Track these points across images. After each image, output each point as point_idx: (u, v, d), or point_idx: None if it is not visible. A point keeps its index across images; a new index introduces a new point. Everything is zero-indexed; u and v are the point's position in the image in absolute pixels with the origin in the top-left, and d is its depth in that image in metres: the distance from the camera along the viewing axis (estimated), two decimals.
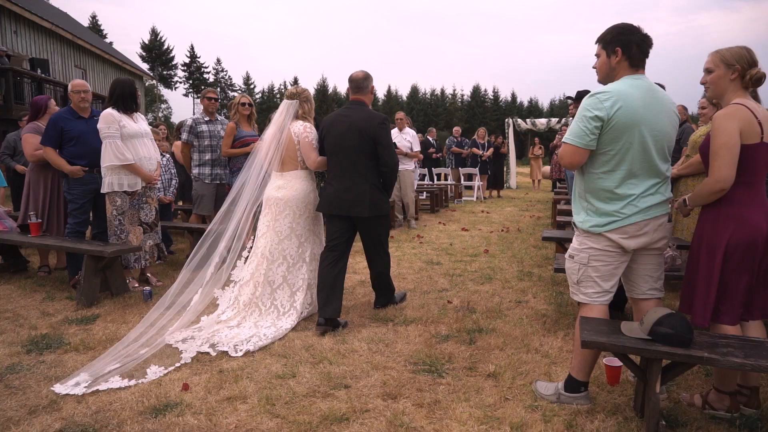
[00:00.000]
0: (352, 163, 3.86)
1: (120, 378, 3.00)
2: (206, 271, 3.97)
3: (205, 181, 5.80)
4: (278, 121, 4.05)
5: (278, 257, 4.00)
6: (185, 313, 3.80)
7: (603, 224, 2.59)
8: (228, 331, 3.71)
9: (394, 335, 3.66)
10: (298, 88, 4.12)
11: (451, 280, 5.01)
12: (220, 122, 5.94)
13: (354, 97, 4.02)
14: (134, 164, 4.64)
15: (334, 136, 3.91)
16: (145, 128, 4.87)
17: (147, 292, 4.47)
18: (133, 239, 4.73)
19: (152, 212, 4.92)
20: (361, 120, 3.85)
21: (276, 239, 4.00)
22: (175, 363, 3.24)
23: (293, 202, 3.98)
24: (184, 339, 3.59)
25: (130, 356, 3.24)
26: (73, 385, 2.90)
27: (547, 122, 17.65)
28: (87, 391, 2.84)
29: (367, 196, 3.82)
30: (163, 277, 5.24)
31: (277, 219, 4.00)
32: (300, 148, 4.00)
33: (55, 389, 2.87)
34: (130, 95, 4.72)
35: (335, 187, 3.91)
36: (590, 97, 2.58)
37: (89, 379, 2.95)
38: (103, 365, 3.11)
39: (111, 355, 3.24)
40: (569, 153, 2.61)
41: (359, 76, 3.99)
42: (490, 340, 3.53)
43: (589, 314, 2.66)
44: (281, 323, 3.81)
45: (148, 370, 3.12)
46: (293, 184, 4.01)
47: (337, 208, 3.88)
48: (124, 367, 3.11)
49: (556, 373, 3.02)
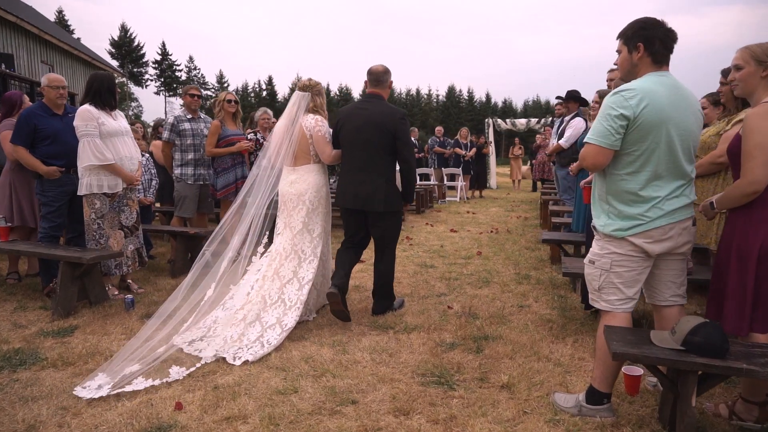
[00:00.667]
0: (368, 157, 3.78)
1: (143, 378, 2.93)
2: (219, 266, 3.84)
3: (187, 181, 5.52)
4: (290, 113, 3.92)
5: (290, 252, 3.90)
6: (198, 309, 3.67)
7: (626, 228, 2.47)
8: (232, 330, 3.55)
9: (397, 344, 3.49)
10: (311, 81, 3.98)
11: (448, 284, 4.86)
12: (203, 120, 5.67)
13: (372, 91, 3.92)
14: (115, 164, 4.36)
15: (351, 129, 3.82)
16: (125, 126, 4.59)
17: (129, 300, 4.19)
18: (113, 244, 4.44)
19: (133, 215, 4.64)
20: (381, 114, 3.77)
21: (290, 234, 3.92)
22: (196, 363, 3.16)
23: (306, 197, 3.89)
24: (200, 338, 3.51)
25: (147, 356, 3.16)
26: (95, 388, 2.80)
27: (527, 122, 17.71)
28: (111, 392, 2.77)
29: (383, 191, 3.76)
30: (145, 283, 4.96)
31: (291, 215, 3.92)
32: (313, 142, 3.89)
33: (78, 393, 2.77)
34: (108, 90, 4.43)
35: (349, 180, 3.85)
36: (614, 94, 2.45)
37: (110, 380, 2.87)
38: (120, 366, 3.01)
39: (126, 355, 3.13)
40: (593, 153, 2.48)
41: (379, 70, 3.89)
42: (498, 347, 3.38)
43: (611, 322, 2.54)
44: (286, 320, 3.63)
45: (171, 371, 3.05)
46: (306, 179, 3.91)
47: (351, 203, 3.83)
48: (145, 368, 3.04)
49: (572, 383, 2.90)
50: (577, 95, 6.82)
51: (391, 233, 3.96)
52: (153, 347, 3.27)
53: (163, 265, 5.68)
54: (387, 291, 4.06)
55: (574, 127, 6.66)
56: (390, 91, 4.05)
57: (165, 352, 3.25)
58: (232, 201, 5.74)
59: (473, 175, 13.60)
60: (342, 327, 3.81)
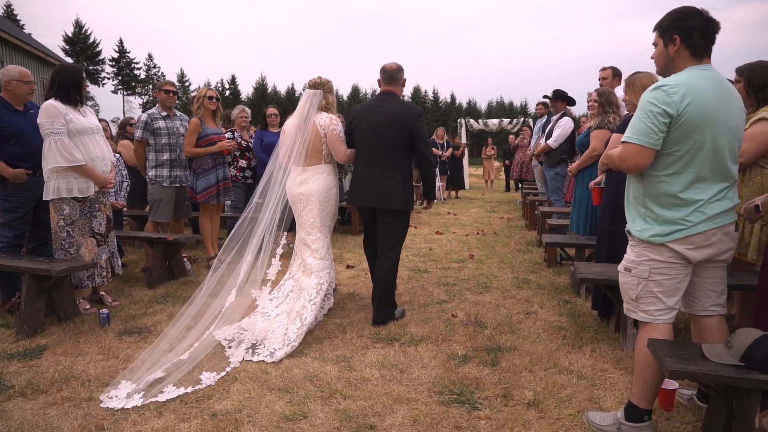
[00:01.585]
0: (384, 154, 3.72)
1: (174, 387, 2.83)
2: (239, 271, 3.76)
3: (163, 184, 5.12)
4: (302, 111, 3.81)
5: (305, 250, 3.87)
6: (222, 314, 3.60)
7: (666, 233, 2.30)
8: (263, 324, 3.59)
9: (406, 358, 3.25)
10: (322, 78, 3.90)
11: (447, 291, 4.64)
12: (179, 118, 5.28)
13: (386, 89, 3.84)
14: (85, 165, 3.96)
15: (366, 127, 3.76)
16: (95, 123, 4.18)
17: (104, 315, 3.79)
18: (85, 253, 4.03)
19: (105, 221, 4.24)
20: (397, 112, 3.72)
21: (303, 233, 3.88)
22: (226, 368, 3.08)
23: (316, 197, 3.81)
24: (231, 339, 3.45)
25: (173, 363, 3.06)
26: (124, 398, 2.69)
27: (499, 123, 17.75)
28: (144, 402, 2.67)
29: (399, 189, 3.71)
30: (119, 295, 4.55)
31: (301, 215, 3.88)
32: (327, 141, 3.80)
33: (107, 405, 2.64)
34: (73, 84, 4.00)
35: (365, 179, 3.78)
36: (654, 89, 2.27)
37: (135, 388, 2.78)
38: (144, 374, 2.91)
39: (149, 363, 3.03)
40: (633, 154, 2.30)
41: (393, 68, 3.84)
42: (514, 360, 3.18)
43: (652, 335, 2.36)
44: (305, 314, 3.60)
45: (201, 377, 2.97)
46: (317, 179, 3.83)
47: (367, 201, 3.77)
48: (173, 375, 2.93)
49: (602, 398, 2.72)
50: (564, 94, 6.75)
51: (401, 233, 3.87)
52: (175, 354, 3.18)
53: (138, 275, 5.26)
54: (389, 297, 3.84)
55: (563, 126, 6.58)
56: (403, 88, 3.95)
57: (191, 359, 3.14)
58: (213, 204, 5.41)
59: (449, 176, 13.48)
60: (343, 340, 3.55)
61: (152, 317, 3.99)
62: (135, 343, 3.50)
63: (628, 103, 3.60)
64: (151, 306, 4.25)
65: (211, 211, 5.40)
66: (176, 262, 4.94)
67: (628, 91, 3.56)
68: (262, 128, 6.51)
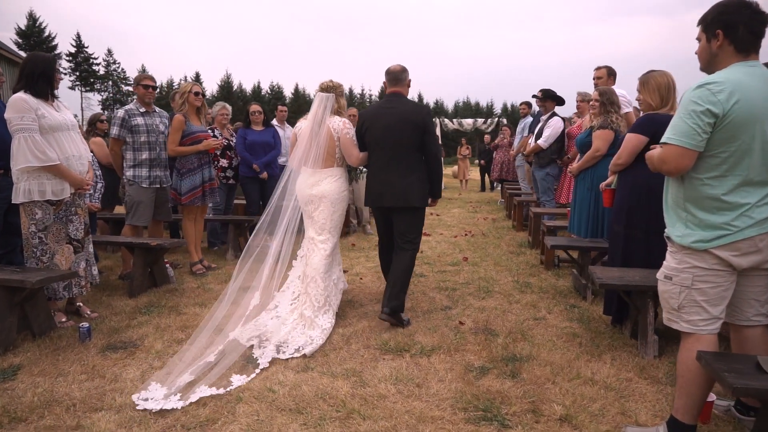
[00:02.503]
0: (398, 154, 3.78)
1: (206, 387, 2.82)
2: (261, 273, 3.83)
3: (141, 185, 4.77)
4: (316, 114, 3.84)
5: (313, 250, 3.84)
6: (247, 317, 3.65)
7: (709, 239, 2.18)
8: (274, 324, 3.58)
9: (419, 371, 3.05)
10: (333, 82, 3.92)
11: (449, 296, 4.47)
12: (158, 114, 4.94)
13: (393, 90, 3.90)
14: (60, 165, 3.61)
15: (379, 128, 3.80)
16: (70, 119, 3.83)
17: (85, 329, 3.45)
18: (60, 261, 3.68)
19: (82, 225, 3.89)
20: (409, 111, 3.79)
21: (312, 233, 3.88)
22: (255, 370, 3.07)
23: (328, 199, 3.83)
24: (258, 342, 3.41)
25: (200, 365, 3.05)
26: (161, 399, 2.67)
27: (473, 122, 17.78)
28: (184, 404, 2.64)
29: (416, 186, 3.78)
30: (96, 305, 4.19)
31: (312, 216, 3.87)
32: (340, 144, 3.85)
33: (145, 406, 2.61)
34: (43, 76, 3.65)
35: (381, 179, 3.82)
36: (698, 87, 2.15)
37: (170, 393, 2.73)
38: (175, 378, 2.87)
39: (181, 367, 3.01)
40: (675, 156, 2.17)
41: (397, 69, 3.91)
42: (534, 370, 3.03)
43: (696, 346, 2.23)
44: (320, 321, 3.63)
45: (233, 379, 2.95)
46: (329, 181, 3.84)
47: (384, 200, 3.82)
48: (205, 378, 2.91)
49: (635, 411, 2.59)
50: (553, 94, 6.68)
51: (419, 227, 3.95)
52: (204, 355, 3.17)
53: (115, 282, 4.89)
54: (404, 287, 3.82)
55: (553, 126, 6.52)
56: (409, 88, 3.99)
57: (221, 361, 3.13)
58: (197, 207, 5.08)
59: None
60: (349, 352, 3.33)
61: (137, 330, 3.67)
62: (121, 360, 3.19)
63: (642, 102, 3.50)
64: (135, 317, 3.92)
65: (196, 213, 5.08)
66: (159, 269, 4.61)
67: (642, 90, 3.46)
68: (245, 126, 6.21)
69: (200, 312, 4.04)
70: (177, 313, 4.02)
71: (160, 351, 3.31)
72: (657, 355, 3.16)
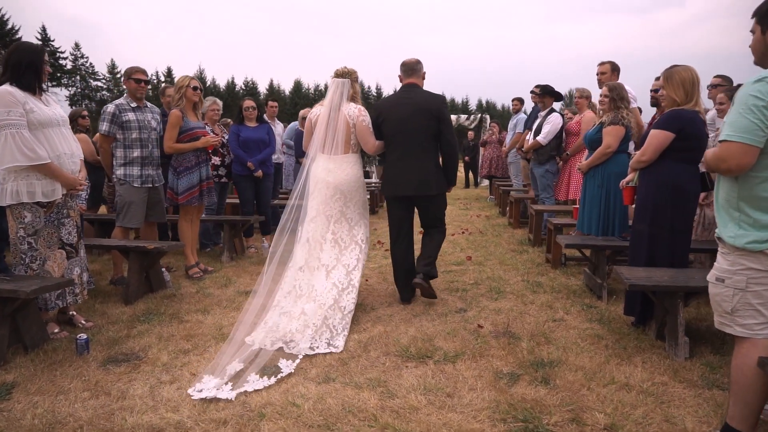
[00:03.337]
0: (418, 143, 3.87)
1: (258, 377, 2.85)
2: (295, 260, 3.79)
3: (133, 184, 4.51)
4: (331, 100, 3.85)
5: (330, 240, 3.82)
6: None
7: (765, 239, 2.08)
8: (296, 323, 3.44)
9: (448, 379, 2.91)
10: (348, 68, 3.93)
11: (461, 297, 4.34)
12: (149, 110, 4.67)
13: (408, 81, 3.99)
14: (51, 164, 3.35)
15: (397, 119, 3.87)
16: (60, 114, 3.57)
17: (83, 341, 3.20)
18: (52, 268, 3.41)
19: (75, 229, 3.63)
20: (425, 101, 3.88)
21: (326, 223, 3.84)
22: (299, 355, 3.14)
23: (344, 187, 3.84)
24: (289, 339, 3.36)
25: (247, 354, 3.10)
26: (213, 388, 2.71)
27: (456, 119, 17.70)
28: (236, 394, 2.68)
29: (434, 174, 3.91)
30: (90, 313, 3.93)
31: (327, 203, 3.84)
32: (356, 131, 3.87)
33: (197, 396, 2.65)
34: (30, 67, 3.37)
35: (400, 168, 3.90)
36: (758, 81, 2.04)
37: (222, 382, 2.78)
38: (224, 366, 2.92)
39: (228, 356, 3.04)
40: (737, 153, 2.06)
41: (412, 61, 4.01)
42: (567, 376, 2.92)
43: (752, 352, 2.14)
44: (343, 301, 3.64)
45: (280, 364, 3.00)
46: (344, 168, 3.86)
47: (404, 189, 3.90)
48: (254, 364, 2.98)
49: (680, 419, 2.49)
50: (552, 90, 6.61)
51: (443, 210, 4.16)
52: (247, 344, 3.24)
53: (107, 288, 4.61)
54: (433, 261, 4.09)
55: (552, 122, 6.44)
56: (424, 80, 4.09)
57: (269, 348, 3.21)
58: (195, 206, 4.84)
59: None
60: (368, 359, 3.16)
61: (138, 340, 3.43)
62: (126, 374, 2.96)
63: (666, 98, 3.41)
64: (134, 326, 3.68)
65: (193, 214, 4.83)
66: (155, 274, 4.35)
67: (666, 85, 3.37)
68: (238, 122, 5.95)
69: (203, 319, 3.82)
70: (179, 320, 3.79)
71: (167, 363, 3.08)
72: (688, 357, 3.09)
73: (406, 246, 4.10)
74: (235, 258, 5.65)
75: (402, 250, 4.08)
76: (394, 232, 4.11)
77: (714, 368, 2.97)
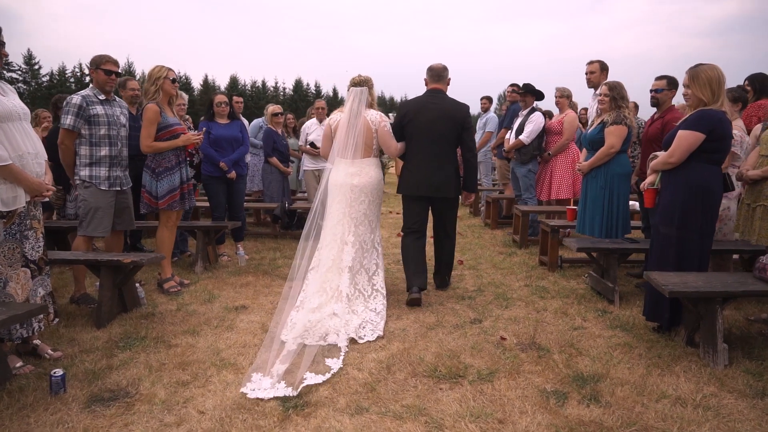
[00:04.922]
0: (441, 148, 4.04)
1: (314, 374, 2.86)
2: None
3: (100, 187, 3.94)
4: (352, 107, 3.97)
5: (356, 243, 3.91)
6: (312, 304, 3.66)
7: None
8: (331, 321, 3.47)
9: (490, 401, 2.65)
10: (363, 76, 4.06)
11: (470, 306, 4.10)
12: (118, 104, 4.11)
13: (434, 86, 4.15)
14: (12, 165, 2.80)
15: (423, 122, 4.02)
16: (20, 106, 3.01)
17: (58, 377, 2.67)
18: (16, 291, 2.86)
19: (40, 242, 3.07)
20: (451, 108, 4.08)
21: (352, 225, 3.93)
22: (340, 353, 3.14)
23: (368, 189, 3.97)
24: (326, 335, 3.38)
25: (286, 354, 3.08)
26: (269, 388, 2.68)
27: None
28: (295, 392, 2.66)
29: (453, 178, 4.11)
30: (56, 340, 3.35)
31: (352, 205, 3.95)
32: (378, 136, 4.03)
33: (252, 395, 2.61)
34: None
35: (421, 170, 4.05)
36: None
37: (273, 381, 2.74)
38: (269, 368, 2.88)
39: (273, 357, 3.02)
40: None
41: (439, 67, 4.18)
42: (615, 392, 2.73)
43: None
44: (372, 305, 3.77)
45: (328, 362, 3.02)
46: (368, 171, 4.00)
47: (424, 190, 4.07)
48: (303, 363, 2.97)
49: None
50: (533, 89, 6.52)
51: (455, 215, 4.42)
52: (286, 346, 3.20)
53: (69, 308, 4.00)
54: (449, 267, 4.50)
55: (535, 122, 6.37)
56: (448, 86, 4.24)
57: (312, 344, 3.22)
58: (177, 211, 4.32)
59: None
60: (396, 382, 2.85)
61: (123, 372, 2.93)
62: (119, 417, 2.49)
63: (691, 97, 3.32)
64: (114, 354, 3.16)
65: (173, 219, 4.29)
66: (129, 290, 3.81)
67: (692, 84, 3.28)
68: (208, 119, 5.43)
69: (194, 342, 3.36)
70: (166, 345, 3.30)
71: (166, 401, 2.63)
72: (727, 364, 2.99)
73: (420, 236, 4.23)
74: (209, 268, 5.14)
75: (415, 239, 4.20)
76: (409, 222, 4.21)
77: (756, 375, 2.89)
